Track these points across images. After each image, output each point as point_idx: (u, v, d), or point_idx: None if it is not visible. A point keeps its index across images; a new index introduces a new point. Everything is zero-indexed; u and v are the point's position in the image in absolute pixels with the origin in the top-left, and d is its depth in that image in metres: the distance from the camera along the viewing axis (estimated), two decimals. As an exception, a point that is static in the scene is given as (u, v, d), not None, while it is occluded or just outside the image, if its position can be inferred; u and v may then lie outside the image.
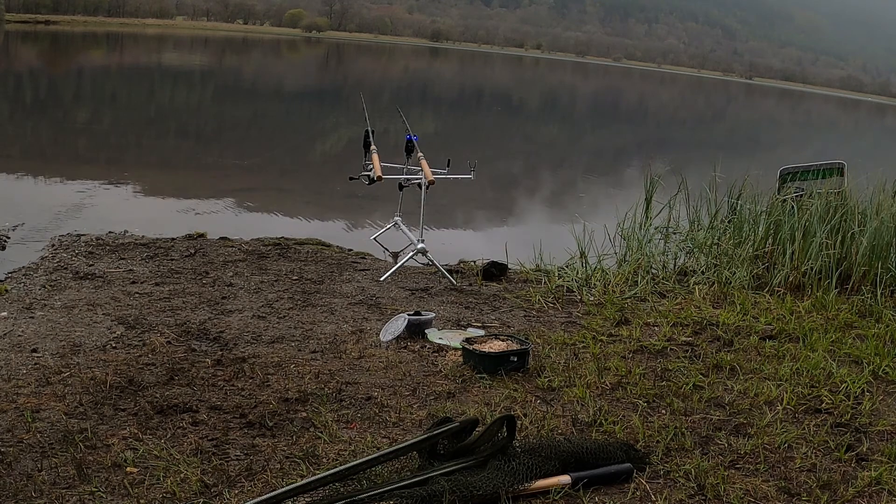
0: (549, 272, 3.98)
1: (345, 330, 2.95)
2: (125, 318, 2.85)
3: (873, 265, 3.95)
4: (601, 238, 4.63)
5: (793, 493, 1.98)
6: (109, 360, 2.47)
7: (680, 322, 3.30)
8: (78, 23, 62.74)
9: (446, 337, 2.90)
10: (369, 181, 3.67)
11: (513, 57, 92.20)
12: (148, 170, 6.78)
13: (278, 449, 2.01)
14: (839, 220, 4.19)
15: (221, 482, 1.84)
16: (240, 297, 3.22)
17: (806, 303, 3.65)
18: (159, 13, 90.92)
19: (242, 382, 2.40)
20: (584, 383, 2.55)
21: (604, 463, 1.98)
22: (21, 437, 1.98)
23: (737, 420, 2.37)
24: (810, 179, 4.94)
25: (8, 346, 2.54)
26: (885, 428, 2.40)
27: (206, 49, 39.65)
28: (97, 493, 1.76)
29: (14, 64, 19.07)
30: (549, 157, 11.22)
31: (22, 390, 2.23)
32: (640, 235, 4.69)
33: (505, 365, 2.60)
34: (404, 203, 4.35)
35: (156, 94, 14.98)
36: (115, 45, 34.58)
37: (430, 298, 3.46)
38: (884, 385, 2.77)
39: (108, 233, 4.14)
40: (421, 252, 3.81)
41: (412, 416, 2.24)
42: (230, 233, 4.29)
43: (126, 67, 22.39)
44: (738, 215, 4.70)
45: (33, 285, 3.18)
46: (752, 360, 2.90)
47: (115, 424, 2.08)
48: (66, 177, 5.87)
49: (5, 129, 8.90)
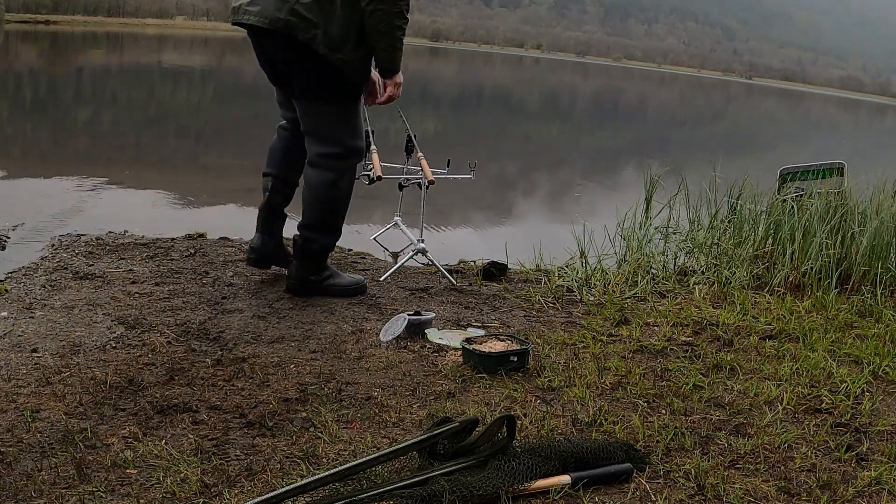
0: (549, 272, 3.99)
1: (345, 330, 2.95)
2: (125, 318, 2.85)
3: (873, 265, 3.95)
4: (601, 238, 4.63)
5: (793, 493, 1.98)
6: (109, 360, 2.47)
7: (680, 322, 3.30)
8: (78, 23, 62.75)
9: (446, 337, 2.90)
10: (369, 181, 3.67)
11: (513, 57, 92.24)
12: (148, 170, 6.78)
13: (278, 449, 2.01)
14: (839, 220, 4.19)
15: (221, 482, 1.84)
16: (240, 297, 3.22)
17: (806, 303, 3.65)
18: (159, 13, 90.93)
19: (242, 382, 2.40)
20: (584, 383, 2.55)
21: (604, 463, 1.98)
22: (21, 437, 1.98)
23: (737, 420, 2.37)
24: (810, 179, 4.94)
25: (8, 346, 2.54)
26: (885, 428, 2.40)
27: (206, 49, 39.65)
28: (97, 493, 1.76)
29: (14, 64, 19.06)
30: (549, 157, 11.22)
31: (22, 390, 2.23)
32: (640, 235, 4.69)
33: (505, 365, 2.60)
34: (404, 203, 4.35)
35: (156, 94, 14.99)
36: (115, 45, 34.58)
37: (430, 298, 3.46)
38: (884, 385, 2.78)
39: (108, 233, 4.14)
40: (421, 252, 3.81)
41: (412, 416, 2.25)
42: (230, 233, 4.29)
43: (126, 67, 22.40)
44: (738, 215, 4.70)
45: (33, 285, 3.18)
46: (752, 360, 2.90)
47: (115, 424, 2.08)
48: (66, 177, 5.87)
49: (5, 129, 8.90)
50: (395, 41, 2.98)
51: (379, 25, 2.93)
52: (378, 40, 2.97)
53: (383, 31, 2.94)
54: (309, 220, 3.25)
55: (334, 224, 3.29)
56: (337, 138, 3.14)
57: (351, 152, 3.20)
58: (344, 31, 2.95)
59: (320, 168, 3.19)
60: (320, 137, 3.18)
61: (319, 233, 3.25)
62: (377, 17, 2.91)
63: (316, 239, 3.25)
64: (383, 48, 2.99)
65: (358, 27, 2.96)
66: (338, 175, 3.19)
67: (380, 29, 2.94)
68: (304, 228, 3.25)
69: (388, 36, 2.95)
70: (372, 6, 2.90)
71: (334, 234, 3.31)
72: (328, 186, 3.19)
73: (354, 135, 3.19)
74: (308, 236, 3.24)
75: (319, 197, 3.21)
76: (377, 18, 2.91)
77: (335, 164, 3.18)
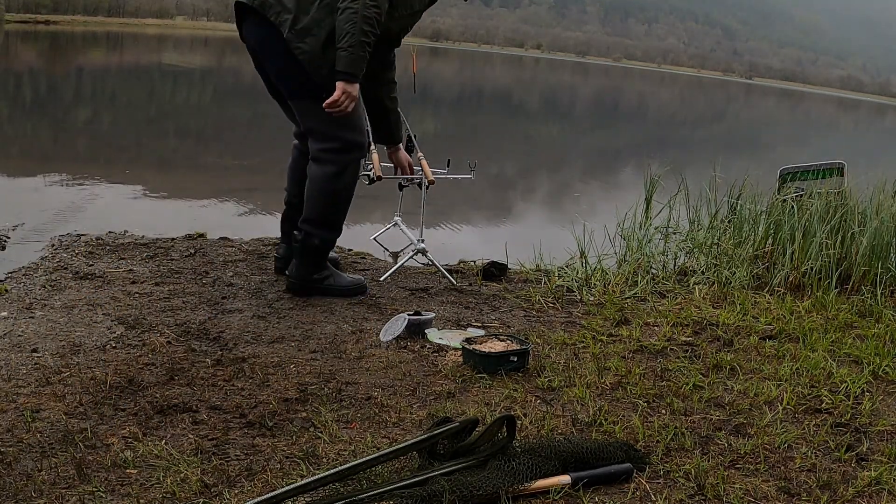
0: (549, 272, 3.99)
1: (345, 330, 2.95)
2: (125, 318, 2.85)
3: (873, 265, 3.95)
4: (601, 238, 4.63)
5: (793, 493, 1.98)
6: (109, 360, 2.47)
7: (680, 322, 3.30)
8: (78, 23, 62.76)
9: (446, 337, 2.90)
10: (369, 181, 3.67)
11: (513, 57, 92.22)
12: (148, 170, 6.78)
13: (278, 449, 2.01)
14: (839, 220, 4.19)
15: (221, 482, 1.84)
16: (240, 297, 3.22)
17: (806, 303, 3.65)
18: (159, 13, 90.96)
19: (242, 382, 2.40)
20: (584, 383, 2.55)
21: (604, 463, 1.98)
22: (21, 437, 1.98)
23: (737, 420, 2.37)
24: (810, 179, 4.94)
25: (8, 346, 2.54)
26: (885, 428, 2.40)
27: (206, 49, 39.65)
28: (97, 493, 1.76)
29: (14, 64, 19.06)
30: (549, 157, 11.22)
31: (22, 390, 2.23)
32: (640, 235, 4.69)
33: (505, 365, 2.60)
34: (404, 203, 4.35)
35: (156, 94, 14.99)
36: (115, 45, 34.58)
37: (430, 298, 3.46)
38: (884, 385, 2.78)
39: (108, 233, 4.14)
40: (421, 252, 3.81)
41: (412, 416, 2.25)
42: (230, 233, 4.29)
43: (126, 67, 22.40)
44: (738, 215, 4.70)
45: (33, 285, 3.18)
46: (752, 360, 2.90)
47: (115, 424, 2.08)
48: (66, 177, 5.87)
49: (5, 129, 8.90)
50: (357, 46, 2.98)
51: (345, 24, 2.98)
52: (341, 38, 3.00)
53: (347, 31, 2.98)
54: (310, 215, 3.26)
55: (335, 220, 3.30)
56: (335, 134, 3.16)
57: (351, 146, 3.21)
58: (311, 25, 3.03)
59: (322, 163, 3.21)
60: (319, 135, 3.19)
61: (320, 228, 3.26)
62: (346, 16, 2.98)
63: (316, 234, 3.26)
64: (343, 48, 3.00)
65: (328, 29, 3.03)
66: (340, 168, 3.21)
67: (345, 28, 2.98)
68: (305, 223, 3.27)
69: (351, 36, 2.98)
70: (345, 4, 2.98)
71: (335, 231, 3.32)
72: (330, 179, 3.21)
73: (353, 129, 3.19)
74: (308, 230, 3.26)
75: (322, 190, 3.23)
76: (345, 17, 2.98)
77: (337, 158, 3.20)
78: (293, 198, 3.48)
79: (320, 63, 3.06)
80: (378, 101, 3.49)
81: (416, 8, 3.29)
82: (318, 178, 3.23)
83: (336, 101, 3.04)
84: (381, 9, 3.02)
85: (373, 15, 2.99)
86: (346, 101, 3.05)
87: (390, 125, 3.60)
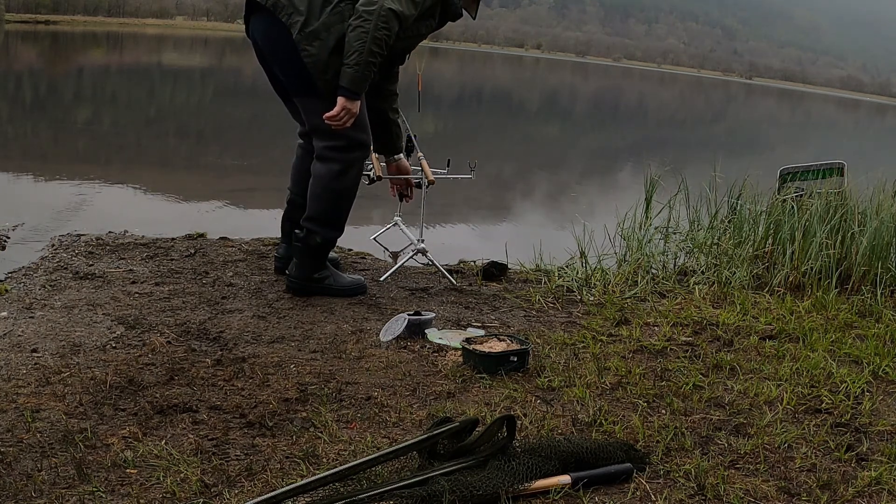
0: (549, 272, 3.98)
1: (345, 330, 2.95)
2: (125, 318, 2.85)
3: (873, 265, 3.95)
4: (601, 238, 4.63)
5: (793, 493, 1.98)
6: (109, 360, 2.47)
7: (680, 322, 3.30)
8: (78, 23, 62.77)
9: (446, 337, 2.90)
10: (369, 181, 3.67)
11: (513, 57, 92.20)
12: (148, 170, 6.78)
13: (278, 449, 2.01)
14: (839, 220, 4.19)
15: (221, 482, 1.84)
16: (240, 297, 3.22)
17: (806, 303, 3.65)
18: (159, 13, 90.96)
19: (242, 382, 2.40)
20: (584, 383, 2.55)
21: (604, 463, 1.98)
22: (21, 437, 1.98)
23: (737, 420, 2.37)
24: (810, 179, 4.94)
25: (8, 346, 2.54)
26: (885, 428, 2.40)
27: (206, 49, 39.65)
28: (97, 493, 1.76)
29: (14, 64, 19.06)
30: (549, 157, 11.22)
31: (22, 390, 2.23)
32: (640, 235, 4.69)
33: (505, 365, 2.60)
34: (404, 203, 4.34)
35: (155, 94, 14.99)
36: (115, 45, 34.58)
37: (430, 298, 3.46)
38: (884, 385, 2.78)
39: (108, 233, 4.14)
40: (421, 252, 3.81)
41: (412, 416, 2.24)
42: (230, 233, 4.29)
43: (126, 67, 22.40)
44: (738, 215, 4.70)
45: (33, 285, 3.18)
46: (752, 360, 2.90)
47: (115, 424, 2.08)
48: (66, 177, 5.87)
49: (5, 129, 8.90)
50: (363, 65, 3.00)
51: (354, 42, 3.00)
52: (348, 55, 3.02)
53: (356, 49, 2.99)
54: (312, 213, 3.27)
55: (337, 219, 3.30)
56: (340, 132, 3.15)
57: (356, 144, 3.22)
58: (321, 30, 3.04)
59: (326, 160, 3.22)
60: (324, 133, 3.19)
61: (322, 226, 3.27)
62: (356, 34, 2.99)
63: (318, 232, 3.26)
64: (349, 64, 3.01)
65: (338, 35, 3.03)
66: (344, 166, 3.22)
67: (353, 45, 3.00)
68: (308, 221, 3.28)
69: (358, 55, 2.99)
70: (356, 21, 3.00)
71: (336, 230, 3.33)
72: (334, 177, 3.22)
73: (358, 127, 3.20)
74: (311, 228, 3.27)
75: (326, 188, 3.24)
76: (356, 35, 2.99)
77: (341, 156, 3.21)
78: (296, 196, 3.48)
79: (325, 69, 3.06)
80: (380, 111, 3.49)
81: (423, 32, 3.30)
82: (322, 176, 3.24)
83: (336, 116, 3.08)
84: (391, 31, 3.03)
85: (382, 36, 3.01)
86: (345, 116, 3.08)
87: (391, 135, 3.60)
